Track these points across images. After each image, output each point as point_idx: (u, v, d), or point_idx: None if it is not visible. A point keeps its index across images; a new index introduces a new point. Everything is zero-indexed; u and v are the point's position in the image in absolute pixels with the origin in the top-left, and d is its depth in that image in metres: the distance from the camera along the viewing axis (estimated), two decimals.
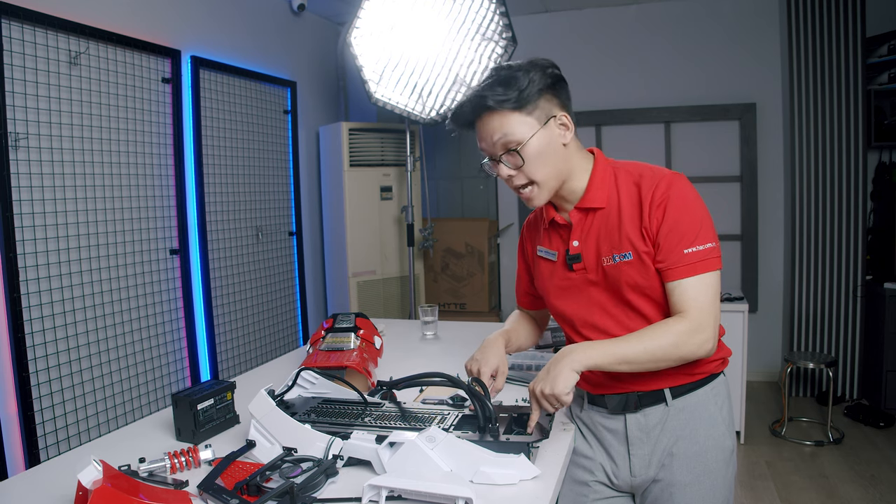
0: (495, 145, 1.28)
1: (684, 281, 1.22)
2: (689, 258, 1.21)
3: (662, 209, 1.23)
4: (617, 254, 1.28)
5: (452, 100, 3.80)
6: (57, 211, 2.58)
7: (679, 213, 1.23)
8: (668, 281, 1.24)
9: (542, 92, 1.26)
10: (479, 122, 1.30)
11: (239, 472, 1.16)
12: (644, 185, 1.27)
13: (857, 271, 4.00)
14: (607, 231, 1.30)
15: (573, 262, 1.35)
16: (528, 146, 1.25)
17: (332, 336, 1.79)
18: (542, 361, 1.85)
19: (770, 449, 3.44)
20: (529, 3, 4.51)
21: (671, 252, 1.23)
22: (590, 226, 1.33)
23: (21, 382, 2.40)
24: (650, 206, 1.24)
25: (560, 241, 1.39)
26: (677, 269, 1.22)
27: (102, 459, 1.12)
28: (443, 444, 1.13)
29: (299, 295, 4.27)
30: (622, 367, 1.21)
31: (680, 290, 1.23)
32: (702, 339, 1.21)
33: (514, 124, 1.25)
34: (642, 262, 1.26)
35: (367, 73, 3.66)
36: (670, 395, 1.33)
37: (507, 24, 3.70)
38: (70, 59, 2.63)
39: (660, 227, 1.23)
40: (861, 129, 3.92)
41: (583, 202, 1.33)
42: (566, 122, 1.29)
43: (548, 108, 1.27)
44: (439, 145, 5.12)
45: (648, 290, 1.28)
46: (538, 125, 1.26)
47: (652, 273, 1.26)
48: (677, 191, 1.24)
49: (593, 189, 1.32)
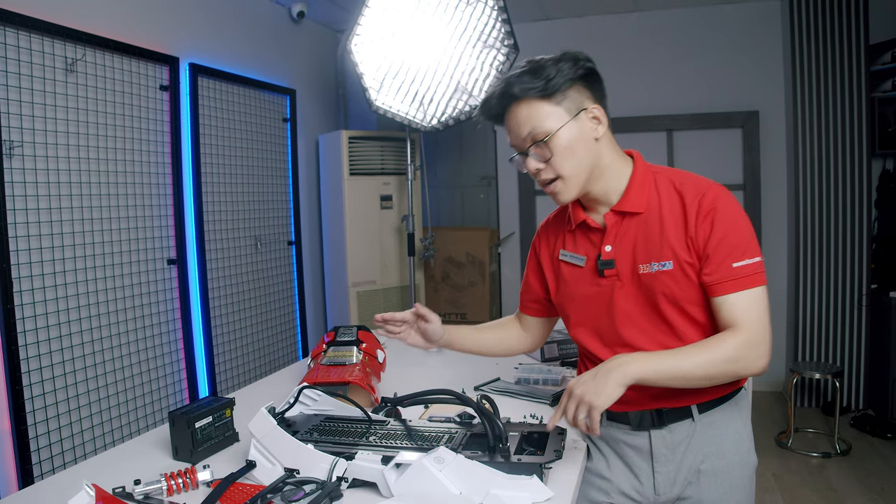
0: (524, 138, 1.23)
1: (734, 295, 1.17)
2: (738, 272, 1.17)
3: (710, 220, 1.19)
4: (656, 262, 1.23)
5: (454, 108, 3.77)
6: (52, 220, 2.54)
7: (727, 225, 1.18)
8: (717, 295, 1.19)
9: (572, 82, 1.21)
10: (508, 114, 1.25)
11: (239, 495, 1.12)
12: (688, 193, 1.22)
13: (862, 280, 3.96)
14: (646, 238, 1.25)
15: (605, 268, 1.28)
16: (556, 137, 1.20)
17: (333, 350, 1.74)
18: (549, 375, 1.81)
19: (777, 461, 3.39)
20: (530, 10, 4.50)
21: (720, 266, 1.18)
22: (625, 231, 1.27)
23: (14, 396, 2.34)
24: (696, 215, 1.20)
25: (589, 244, 1.33)
26: (727, 283, 1.18)
27: (95, 483, 1.07)
28: (452, 466, 1.08)
29: (298, 305, 4.22)
30: (673, 383, 1.15)
31: (730, 304, 1.18)
32: (758, 353, 1.15)
33: (542, 115, 1.21)
34: (683, 273, 1.21)
35: (368, 81, 3.63)
36: (697, 411, 1.28)
37: (509, 31, 3.67)
38: (66, 65, 2.59)
39: (708, 240, 1.18)
40: (865, 137, 3.89)
41: (620, 205, 1.27)
42: (598, 115, 1.24)
43: (578, 100, 1.22)
44: (440, 154, 5.09)
45: (684, 302, 1.23)
46: (568, 116, 1.21)
47: (692, 285, 1.21)
48: (724, 202, 1.20)
49: (633, 192, 1.27)
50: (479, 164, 5.04)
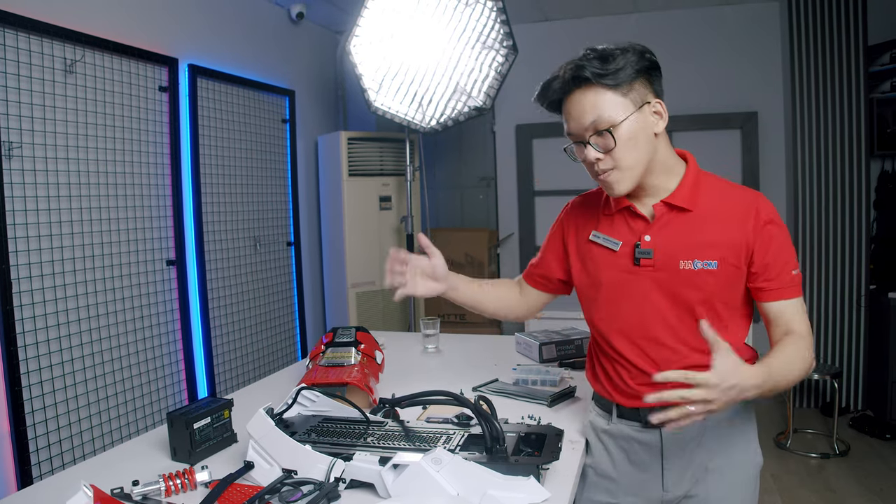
0: (586, 126, 1.22)
1: (792, 301, 1.25)
2: (795, 279, 1.25)
3: (770, 230, 1.24)
4: (699, 260, 1.24)
5: (453, 109, 3.77)
6: (51, 221, 2.54)
7: (784, 234, 1.26)
8: (777, 300, 1.25)
9: (638, 74, 1.21)
10: (570, 99, 1.23)
11: (237, 496, 1.12)
12: (745, 200, 1.27)
13: (861, 281, 3.96)
14: (692, 235, 1.26)
15: (642, 257, 1.28)
16: (621, 128, 1.20)
17: (332, 351, 1.74)
18: (547, 376, 1.81)
19: (775, 462, 3.39)
20: (529, 11, 4.50)
21: (782, 272, 1.24)
22: (669, 224, 1.28)
23: (13, 397, 2.34)
24: (755, 222, 1.24)
25: (628, 231, 1.31)
26: (787, 289, 1.25)
27: (93, 484, 1.07)
28: (449, 467, 1.09)
29: (297, 306, 4.22)
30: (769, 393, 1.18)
31: (790, 309, 1.25)
32: (813, 357, 1.22)
33: (608, 104, 1.20)
34: (726, 274, 1.24)
35: (367, 82, 3.63)
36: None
37: (508, 32, 3.67)
38: (65, 67, 2.59)
39: (768, 248, 1.24)
40: (863, 138, 3.89)
41: (672, 198, 1.27)
42: (660, 109, 1.24)
43: (643, 93, 1.22)
44: (439, 155, 5.09)
45: (717, 301, 1.26)
46: (633, 108, 1.21)
47: (730, 286, 1.26)
48: (776, 213, 1.27)
49: (686, 189, 1.28)
50: (479, 165, 5.04)
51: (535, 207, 4.90)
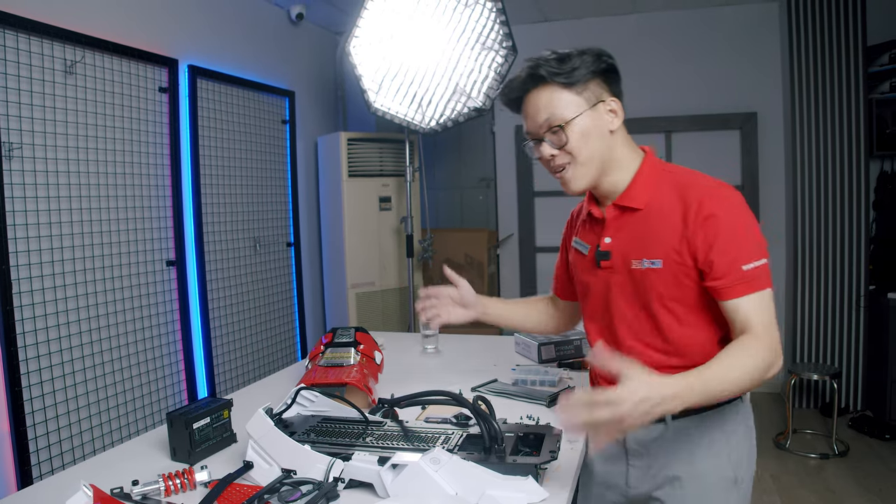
0: (540, 124, 1.25)
1: (746, 299, 1.15)
2: (748, 275, 1.15)
3: (712, 224, 1.17)
4: (647, 259, 1.23)
5: (452, 109, 3.78)
6: (51, 222, 2.54)
7: (733, 227, 1.17)
8: (728, 299, 1.16)
9: (593, 75, 1.24)
10: (528, 97, 1.27)
11: (236, 496, 1.12)
12: (690, 193, 1.21)
13: (860, 281, 3.97)
14: (642, 234, 1.25)
15: (601, 259, 1.31)
16: (573, 124, 1.23)
17: (331, 351, 1.75)
18: (546, 377, 1.81)
19: (775, 462, 3.39)
20: (529, 12, 4.50)
21: (730, 269, 1.15)
22: (624, 225, 1.28)
23: (13, 397, 2.35)
24: (696, 218, 1.18)
25: (594, 235, 1.35)
26: (737, 286, 1.15)
27: (93, 484, 1.08)
28: (448, 467, 1.09)
29: (297, 307, 4.22)
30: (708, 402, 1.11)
31: (744, 308, 1.15)
32: (776, 356, 1.13)
33: (562, 102, 1.23)
34: (671, 273, 1.21)
35: (367, 83, 3.64)
36: (670, 416, 1.25)
37: (508, 32, 3.68)
38: (65, 67, 2.59)
39: (713, 243, 1.16)
40: (863, 139, 3.90)
41: (621, 199, 1.28)
42: (615, 108, 1.26)
43: (598, 92, 1.25)
44: (438, 155, 5.10)
45: (669, 300, 1.23)
46: (586, 105, 1.23)
47: (680, 286, 1.21)
48: (728, 204, 1.19)
49: (635, 188, 1.28)
50: (478, 165, 5.04)
51: (534, 208, 4.91)
